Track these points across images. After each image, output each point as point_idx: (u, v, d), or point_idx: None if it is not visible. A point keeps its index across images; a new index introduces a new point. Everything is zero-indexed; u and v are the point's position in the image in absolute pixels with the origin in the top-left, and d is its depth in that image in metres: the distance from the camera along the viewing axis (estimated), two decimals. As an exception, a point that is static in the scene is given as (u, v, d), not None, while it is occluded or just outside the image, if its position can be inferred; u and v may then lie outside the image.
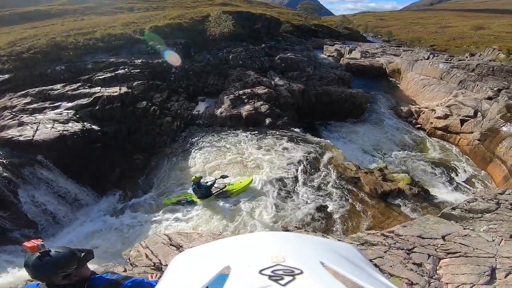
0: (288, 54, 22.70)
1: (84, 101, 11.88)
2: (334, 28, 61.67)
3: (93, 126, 10.69)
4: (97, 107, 11.73)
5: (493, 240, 4.69)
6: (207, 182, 9.19)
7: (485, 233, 4.99)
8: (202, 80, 18.27)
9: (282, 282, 0.51)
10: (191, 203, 9.20)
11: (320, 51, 36.59)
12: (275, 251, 0.63)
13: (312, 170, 10.67)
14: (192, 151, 11.94)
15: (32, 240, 1.68)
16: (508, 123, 12.83)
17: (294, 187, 9.85)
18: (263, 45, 25.32)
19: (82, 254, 1.82)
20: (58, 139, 9.30)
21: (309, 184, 10.00)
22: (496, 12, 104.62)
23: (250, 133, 13.10)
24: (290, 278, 0.52)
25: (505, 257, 4.25)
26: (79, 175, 9.56)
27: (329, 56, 34.43)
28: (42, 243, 1.69)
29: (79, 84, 13.28)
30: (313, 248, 0.71)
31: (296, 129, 13.87)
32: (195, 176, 9.08)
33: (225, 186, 9.40)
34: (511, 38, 42.69)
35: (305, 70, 20.17)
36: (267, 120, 13.85)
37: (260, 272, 0.55)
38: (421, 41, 54.74)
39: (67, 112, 11.04)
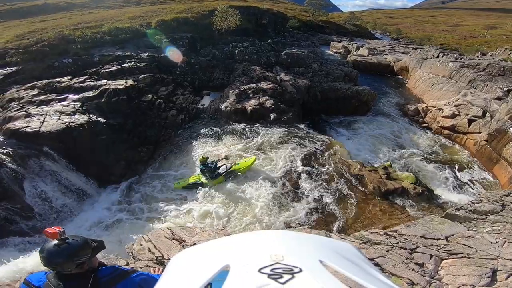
0: (295, 50, 22.52)
1: (90, 93, 11.97)
2: (341, 24, 60.93)
3: (99, 119, 10.78)
4: (103, 100, 11.82)
5: (496, 242, 4.64)
6: (212, 162, 9.42)
7: (489, 234, 4.94)
8: (207, 74, 18.28)
9: (281, 280, 0.51)
10: (201, 185, 9.45)
11: (327, 48, 36.23)
12: (274, 250, 0.63)
13: (316, 167, 10.63)
14: (197, 143, 11.98)
15: (53, 227, 1.71)
16: (517, 124, 12.59)
17: (298, 184, 9.83)
18: (269, 40, 25.19)
19: (95, 244, 1.85)
20: (64, 131, 9.40)
21: (312, 181, 9.97)
22: (510, 12, 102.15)
23: (254, 128, 13.09)
24: (289, 276, 0.52)
25: (507, 259, 4.20)
26: (85, 166, 9.68)
27: (336, 52, 34.08)
28: (63, 230, 1.72)
29: (86, 76, 13.40)
30: (312, 247, 0.71)
31: (301, 125, 13.82)
32: (202, 156, 9.44)
33: (232, 166, 9.71)
34: (523, 37, 41.77)
35: (311, 66, 20.00)
36: (272, 115, 13.81)
37: (259, 270, 0.55)
38: (431, 40, 53.78)
39: (74, 104, 11.14)
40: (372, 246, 4.91)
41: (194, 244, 4.96)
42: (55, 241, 1.68)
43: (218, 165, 9.54)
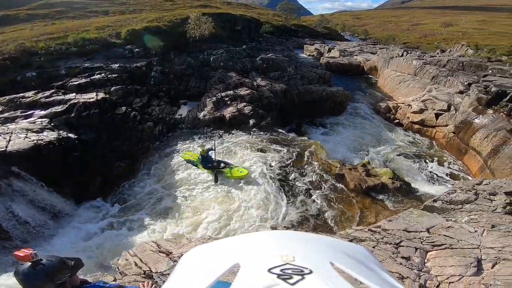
0: (269, 55, 22.81)
1: (58, 108, 11.37)
2: (313, 27, 62.74)
3: (70, 135, 10.24)
4: (73, 115, 11.26)
5: (475, 231, 4.89)
6: (210, 154, 10.45)
7: (467, 224, 5.20)
8: (183, 83, 18.02)
9: (291, 281, 0.51)
10: (196, 166, 10.70)
11: (300, 51, 37.09)
12: (284, 250, 0.63)
13: (297, 169, 10.76)
14: (176, 155, 11.73)
15: (23, 249, 1.64)
16: (480, 116, 13.51)
17: (280, 187, 9.87)
18: (244, 46, 25.35)
19: (73, 262, 1.80)
20: (33, 149, 8.82)
21: (294, 184, 10.07)
22: (463, 9, 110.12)
23: (234, 135, 13.05)
24: (299, 277, 0.52)
25: (489, 247, 4.41)
26: (59, 184, 9.14)
27: (309, 55, 34.94)
28: (35, 252, 1.66)
29: (53, 90, 12.68)
30: (323, 248, 0.70)
31: (280, 129, 13.97)
32: (203, 149, 10.46)
33: (225, 167, 10.35)
34: (478, 34, 45.02)
35: (286, 70, 20.34)
36: (251, 121, 13.84)
37: (269, 270, 0.54)
38: (395, 39, 56.72)
39: (41, 121, 10.52)
40: (358, 243, 5.00)
41: (182, 255, 4.83)
42: (29, 263, 1.62)
43: (214, 159, 10.37)
